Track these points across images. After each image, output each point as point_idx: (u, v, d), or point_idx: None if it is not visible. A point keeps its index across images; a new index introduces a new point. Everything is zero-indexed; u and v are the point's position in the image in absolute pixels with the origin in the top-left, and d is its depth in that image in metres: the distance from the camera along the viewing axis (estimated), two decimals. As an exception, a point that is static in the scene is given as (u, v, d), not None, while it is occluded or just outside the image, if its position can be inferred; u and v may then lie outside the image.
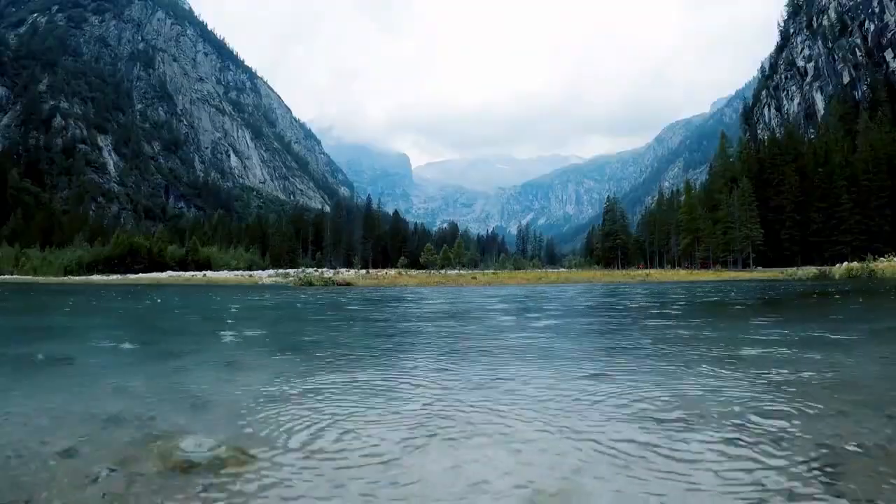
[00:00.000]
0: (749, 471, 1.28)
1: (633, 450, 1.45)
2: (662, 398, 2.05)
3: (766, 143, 66.55)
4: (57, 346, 4.20)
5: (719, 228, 56.19)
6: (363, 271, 39.97)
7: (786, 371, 2.58)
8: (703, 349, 3.43)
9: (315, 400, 2.09)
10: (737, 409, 1.87)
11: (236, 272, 42.06)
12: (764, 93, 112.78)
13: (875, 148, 53.28)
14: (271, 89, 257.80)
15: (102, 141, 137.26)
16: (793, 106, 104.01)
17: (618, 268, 60.59)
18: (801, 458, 1.36)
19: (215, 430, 1.66)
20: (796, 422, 1.70)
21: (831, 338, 4.08)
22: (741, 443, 1.49)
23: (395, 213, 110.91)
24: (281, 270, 41.35)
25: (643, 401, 2.01)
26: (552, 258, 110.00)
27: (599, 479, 1.26)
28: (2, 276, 43.70)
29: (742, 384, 2.31)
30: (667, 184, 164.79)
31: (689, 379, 2.42)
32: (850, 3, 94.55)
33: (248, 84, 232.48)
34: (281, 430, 1.66)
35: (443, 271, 41.27)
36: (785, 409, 1.86)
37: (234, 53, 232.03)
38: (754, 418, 1.74)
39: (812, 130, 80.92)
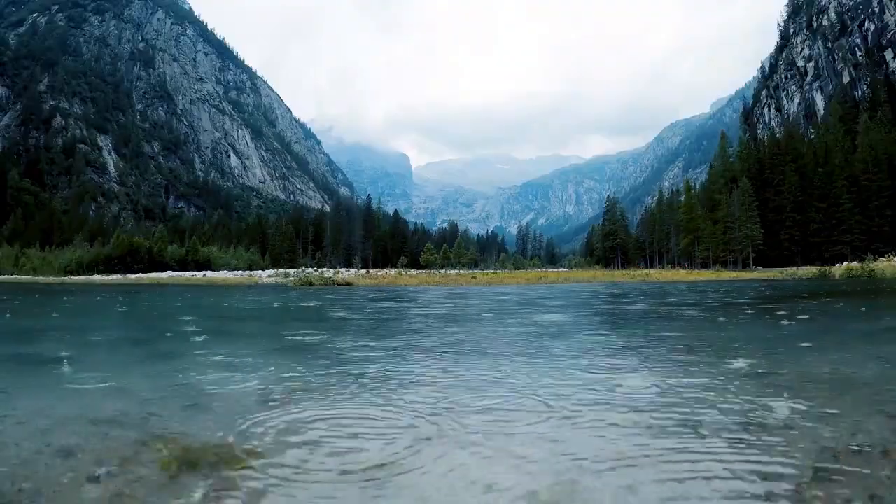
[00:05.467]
0: (749, 471, 1.28)
1: (633, 450, 1.45)
2: (662, 397, 2.05)
3: (766, 143, 66.52)
4: (57, 346, 4.19)
5: (719, 228, 56.18)
6: (363, 271, 39.96)
7: (786, 370, 2.58)
8: (702, 348, 3.43)
9: (315, 400, 2.09)
10: (736, 408, 1.88)
11: (236, 272, 42.05)
12: (764, 93, 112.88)
13: (875, 148, 53.26)
14: (271, 89, 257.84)
15: (102, 141, 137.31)
16: (793, 106, 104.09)
17: (618, 268, 60.59)
18: (801, 458, 1.36)
19: (215, 430, 1.65)
20: (796, 421, 1.70)
21: (829, 337, 4.09)
22: (741, 443, 1.49)
23: (395, 213, 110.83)
24: (281, 270, 41.34)
25: (643, 400, 2.01)
26: (552, 258, 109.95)
27: (600, 479, 1.26)
28: (2, 276, 43.69)
29: (741, 383, 2.31)
30: (667, 184, 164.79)
31: (688, 378, 2.43)
32: (850, 3, 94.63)
33: (248, 84, 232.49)
34: (281, 430, 1.66)
35: (443, 271, 41.27)
36: (785, 408, 1.87)
37: (234, 53, 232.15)
38: (754, 418, 1.74)
39: (812, 130, 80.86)
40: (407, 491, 1.22)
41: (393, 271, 39.68)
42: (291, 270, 37.99)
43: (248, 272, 41.61)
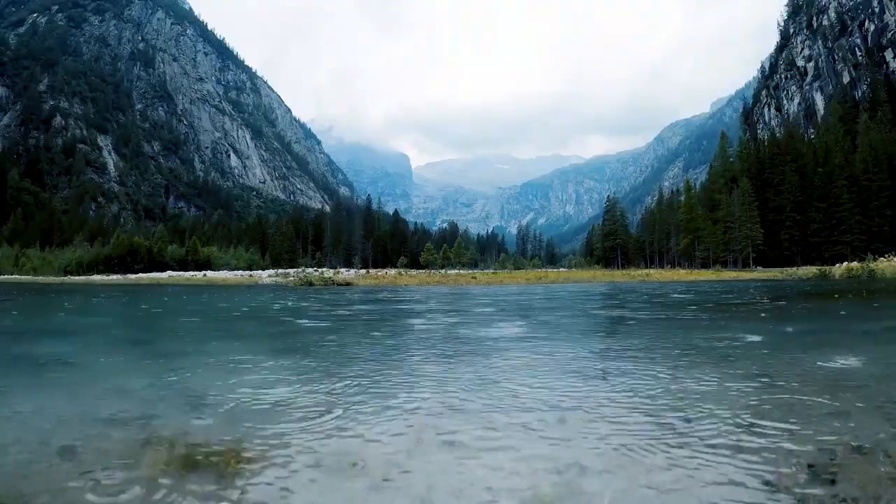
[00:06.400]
0: (749, 471, 1.28)
1: (633, 450, 1.45)
2: (662, 397, 2.05)
3: (766, 143, 66.49)
4: (57, 346, 4.20)
5: (719, 228, 56.17)
6: (363, 271, 39.96)
7: (785, 370, 2.58)
8: (702, 349, 3.43)
9: (315, 400, 2.09)
10: (736, 408, 1.88)
11: (236, 272, 42.04)
12: (764, 93, 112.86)
13: (875, 148, 53.25)
14: (271, 89, 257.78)
15: (102, 141, 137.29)
16: (793, 106, 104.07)
17: (618, 268, 60.58)
18: (800, 459, 1.36)
19: (215, 431, 1.66)
20: (796, 422, 1.69)
21: (830, 337, 4.09)
22: (741, 443, 1.50)
23: (395, 212, 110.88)
24: (281, 270, 41.33)
25: (643, 400, 2.01)
26: (552, 258, 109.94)
27: (599, 479, 1.26)
28: (2, 276, 43.70)
29: (742, 384, 2.31)
30: (667, 184, 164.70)
31: (688, 378, 2.42)
32: (850, 3, 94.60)
33: (248, 84, 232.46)
34: (281, 430, 1.67)
35: (443, 271, 41.25)
36: (784, 408, 1.86)
37: (234, 53, 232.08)
38: (754, 418, 1.74)
39: (812, 130, 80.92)
40: (407, 490, 1.22)
41: (393, 271, 39.68)
42: (291, 270, 37.98)
43: (248, 272, 41.59)
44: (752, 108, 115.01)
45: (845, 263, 26.84)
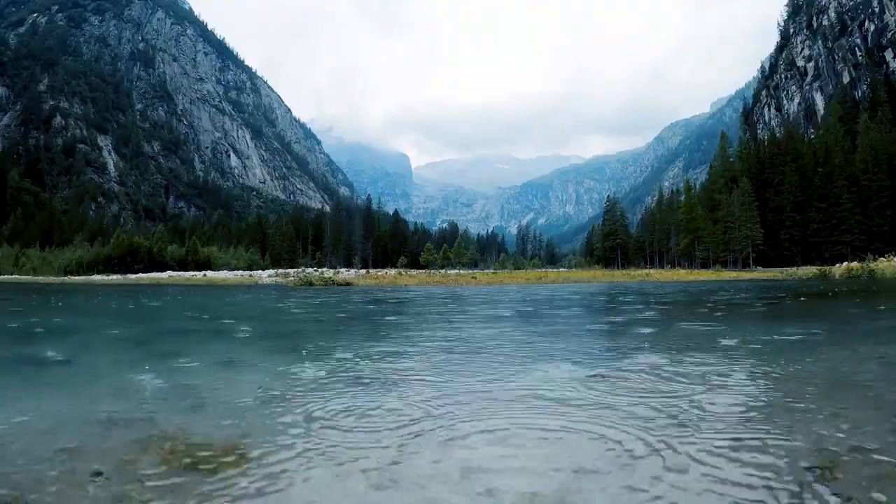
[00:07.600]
0: (749, 471, 1.28)
1: (632, 450, 1.45)
2: (662, 398, 2.05)
3: (766, 143, 66.45)
4: (57, 345, 4.20)
5: (719, 228, 56.14)
6: (363, 271, 39.95)
7: (786, 370, 2.58)
8: (703, 349, 3.43)
9: (314, 399, 2.09)
10: (736, 408, 1.88)
11: (236, 272, 42.03)
12: (764, 93, 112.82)
13: (875, 148, 53.22)
14: (271, 89, 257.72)
15: (102, 141, 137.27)
16: (793, 106, 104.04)
17: (618, 268, 60.54)
18: (800, 459, 1.36)
19: (215, 430, 1.66)
20: (795, 422, 1.70)
21: (831, 337, 4.09)
22: (741, 442, 1.49)
23: (395, 212, 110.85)
24: (281, 270, 41.32)
25: (642, 400, 2.01)
26: (552, 258, 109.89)
27: (599, 479, 1.26)
28: (2, 276, 43.70)
29: (741, 384, 2.31)
30: (667, 184, 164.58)
31: (688, 379, 2.42)
32: (850, 3, 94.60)
33: (248, 84, 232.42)
34: (280, 429, 1.67)
35: (443, 271, 41.23)
36: (784, 409, 1.87)
37: (234, 53, 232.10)
38: (754, 418, 1.74)
39: (812, 130, 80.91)
40: (407, 489, 1.22)
41: (393, 271, 39.67)
42: (291, 270, 37.97)
43: (248, 272, 41.58)
44: (752, 108, 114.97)
45: (845, 263, 26.83)
